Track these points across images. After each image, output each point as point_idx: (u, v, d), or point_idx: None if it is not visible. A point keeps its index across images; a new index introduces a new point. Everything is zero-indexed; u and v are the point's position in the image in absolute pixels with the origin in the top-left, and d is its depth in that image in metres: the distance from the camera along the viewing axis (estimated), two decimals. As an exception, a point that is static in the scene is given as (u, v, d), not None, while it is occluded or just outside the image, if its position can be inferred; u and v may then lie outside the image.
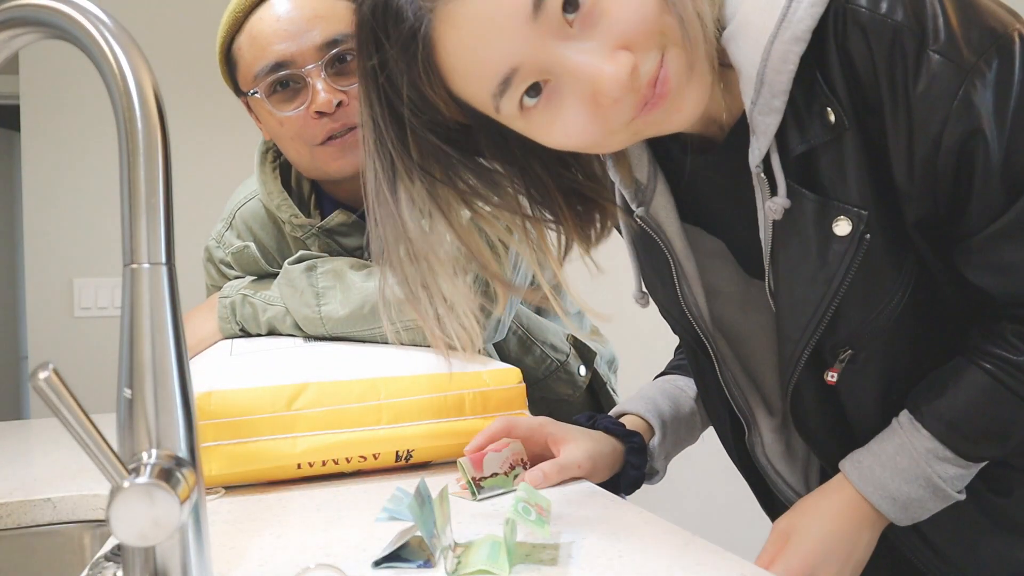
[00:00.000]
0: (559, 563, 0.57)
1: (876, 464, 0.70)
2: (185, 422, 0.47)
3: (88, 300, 2.56)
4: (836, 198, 0.62)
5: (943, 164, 0.60)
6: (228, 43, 1.07)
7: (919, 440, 0.68)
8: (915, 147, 0.60)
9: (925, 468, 0.68)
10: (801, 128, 0.62)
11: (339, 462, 0.85)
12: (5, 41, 0.48)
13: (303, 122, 1.04)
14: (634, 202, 0.73)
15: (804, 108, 0.61)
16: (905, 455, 0.68)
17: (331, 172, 1.08)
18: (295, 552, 0.62)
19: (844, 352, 0.69)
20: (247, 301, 1.09)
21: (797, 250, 0.65)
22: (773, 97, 0.60)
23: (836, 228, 0.62)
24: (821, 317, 0.66)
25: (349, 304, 1.00)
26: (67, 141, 2.54)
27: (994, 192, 0.59)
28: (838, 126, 0.60)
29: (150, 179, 0.46)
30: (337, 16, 1.04)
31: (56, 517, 0.92)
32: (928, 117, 0.58)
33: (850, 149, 0.61)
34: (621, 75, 0.55)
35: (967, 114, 0.57)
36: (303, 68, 1.02)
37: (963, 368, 0.67)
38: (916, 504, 0.69)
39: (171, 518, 0.43)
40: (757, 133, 0.62)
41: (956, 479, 0.69)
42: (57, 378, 0.42)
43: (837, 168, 0.62)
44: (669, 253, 0.74)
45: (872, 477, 0.70)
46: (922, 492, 0.68)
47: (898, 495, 0.69)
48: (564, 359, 1.21)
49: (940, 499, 0.69)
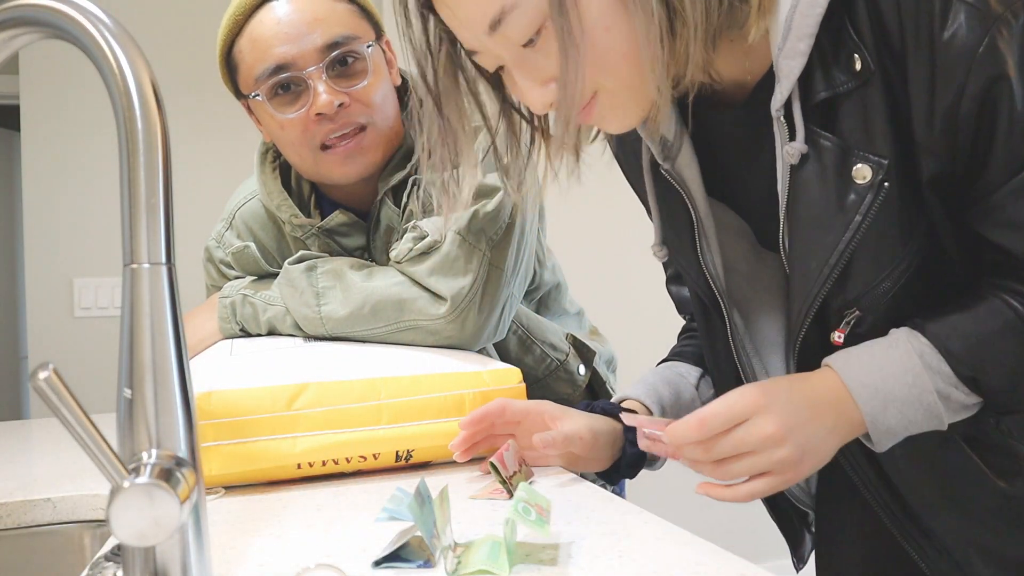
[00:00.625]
0: (559, 563, 0.57)
1: (864, 354, 0.67)
2: (185, 422, 0.47)
3: (88, 300, 2.56)
4: (858, 146, 0.63)
5: (965, 113, 0.60)
6: (228, 46, 1.07)
7: (917, 343, 0.66)
8: (937, 96, 0.60)
9: (915, 364, 0.65)
10: (826, 74, 0.63)
11: (339, 462, 0.85)
12: (5, 41, 0.48)
13: (304, 124, 1.04)
14: (660, 156, 0.76)
15: (831, 54, 0.62)
16: (898, 350, 0.66)
17: (335, 178, 1.08)
18: (295, 552, 0.62)
19: (851, 314, 0.69)
20: (247, 301, 1.09)
21: (816, 196, 0.66)
22: (799, 40, 0.62)
23: (855, 175, 0.63)
24: (834, 266, 0.66)
25: (349, 304, 1.00)
26: (67, 141, 2.54)
27: (1017, 144, 0.59)
28: (864, 72, 0.62)
29: (150, 179, 0.46)
30: (337, 18, 1.04)
31: (56, 517, 0.92)
32: (953, 64, 0.59)
33: (874, 97, 0.62)
34: (541, 103, 0.67)
35: (993, 60, 0.58)
36: (304, 70, 1.02)
37: (983, 297, 0.65)
38: (896, 407, 0.65)
39: (171, 518, 0.43)
40: (781, 78, 0.64)
41: (945, 395, 0.65)
42: (57, 378, 0.42)
43: (860, 116, 0.63)
44: (692, 207, 0.76)
45: (857, 364, 0.67)
46: (906, 392, 0.65)
47: (881, 387, 0.65)
48: (564, 358, 1.21)
49: (922, 409, 0.65)
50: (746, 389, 0.66)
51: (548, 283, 1.28)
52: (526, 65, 0.66)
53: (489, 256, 1.01)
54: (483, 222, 1.02)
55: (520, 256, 1.07)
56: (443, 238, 1.01)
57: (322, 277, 1.04)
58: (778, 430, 0.63)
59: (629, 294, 2.41)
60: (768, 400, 0.64)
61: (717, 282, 0.78)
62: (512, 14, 0.62)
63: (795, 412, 0.64)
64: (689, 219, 0.77)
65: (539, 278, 1.25)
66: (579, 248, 2.62)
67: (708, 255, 0.77)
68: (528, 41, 0.64)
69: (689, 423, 0.65)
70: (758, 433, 0.64)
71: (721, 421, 0.64)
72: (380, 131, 1.08)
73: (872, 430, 0.66)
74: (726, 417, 0.64)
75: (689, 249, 0.78)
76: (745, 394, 0.65)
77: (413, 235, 1.03)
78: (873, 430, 0.66)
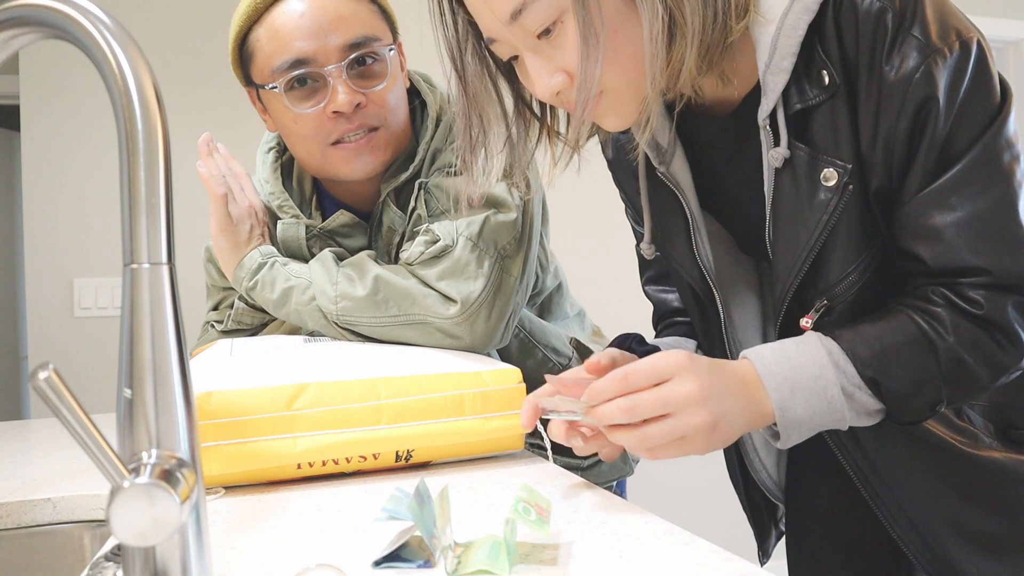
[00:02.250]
0: (559, 563, 0.57)
1: (776, 348, 0.73)
2: (185, 422, 0.47)
3: (88, 300, 2.56)
4: (825, 153, 0.71)
5: (901, 132, 0.68)
6: (244, 33, 1.06)
7: (827, 342, 0.71)
8: (881, 117, 0.68)
9: (822, 358, 0.70)
10: (800, 88, 0.71)
11: (339, 462, 0.85)
12: (5, 41, 0.48)
13: (319, 121, 1.04)
14: (656, 160, 0.83)
15: (804, 72, 0.70)
16: (808, 345, 0.72)
17: (341, 175, 1.08)
18: (295, 552, 0.62)
19: (821, 303, 0.75)
20: (276, 266, 1.07)
21: (792, 196, 0.73)
22: (783, 59, 0.70)
23: (824, 179, 0.71)
24: (805, 259, 0.74)
25: (365, 287, 1.00)
26: (67, 141, 2.54)
27: (932, 162, 0.68)
28: (831, 87, 0.69)
29: (150, 179, 0.46)
30: (359, 18, 1.04)
31: (56, 517, 0.92)
32: (895, 88, 0.67)
33: (840, 109, 0.70)
34: (546, 93, 0.73)
35: (926, 83, 0.66)
36: (324, 68, 1.02)
37: (892, 311, 0.72)
38: (802, 395, 0.70)
39: (171, 518, 0.43)
40: (767, 91, 0.71)
41: (849, 394, 0.70)
42: (57, 378, 0.42)
43: (829, 126, 0.70)
44: (687, 206, 0.83)
45: (770, 354, 0.72)
46: (812, 383, 0.70)
47: (789, 376, 0.70)
48: (567, 363, 1.21)
49: (826, 402, 0.70)
50: (671, 352, 0.69)
51: (550, 287, 1.28)
52: (539, 54, 0.72)
53: (501, 264, 1.02)
54: (496, 231, 1.03)
55: (529, 265, 1.07)
56: (455, 243, 1.01)
57: (346, 265, 1.05)
58: (700, 391, 0.67)
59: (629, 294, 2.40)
60: (692, 364, 0.68)
61: (711, 273, 0.84)
62: (533, 5, 0.68)
63: (714, 381, 0.68)
64: (684, 218, 0.84)
65: (541, 283, 1.25)
66: (579, 248, 2.62)
67: (702, 249, 0.84)
68: (544, 32, 0.70)
69: (614, 376, 0.68)
70: (680, 391, 0.66)
71: (645, 376, 0.67)
72: (392, 132, 1.08)
73: (779, 417, 0.70)
74: (651, 373, 0.67)
75: (684, 245, 0.85)
76: (670, 356, 0.68)
77: (425, 238, 1.03)
78: (780, 417, 0.70)
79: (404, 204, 1.11)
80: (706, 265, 0.84)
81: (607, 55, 0.68)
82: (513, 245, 1.04)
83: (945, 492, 0.77)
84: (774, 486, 0.93)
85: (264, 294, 1.07)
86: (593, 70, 0.68)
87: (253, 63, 1.06)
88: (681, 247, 0.85)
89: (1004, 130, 0.68)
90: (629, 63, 0.70)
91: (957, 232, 0.68)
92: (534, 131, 0.83)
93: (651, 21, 0.67)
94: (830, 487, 0.86)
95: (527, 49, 0.72)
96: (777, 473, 0.93)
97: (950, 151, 0.68)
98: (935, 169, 0.68)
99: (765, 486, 0.93)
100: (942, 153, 0.68)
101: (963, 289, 0.69)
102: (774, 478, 0.93)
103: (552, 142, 0.83)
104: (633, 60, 0.69)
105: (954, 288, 0.69)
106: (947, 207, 0.68)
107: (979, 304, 0.68)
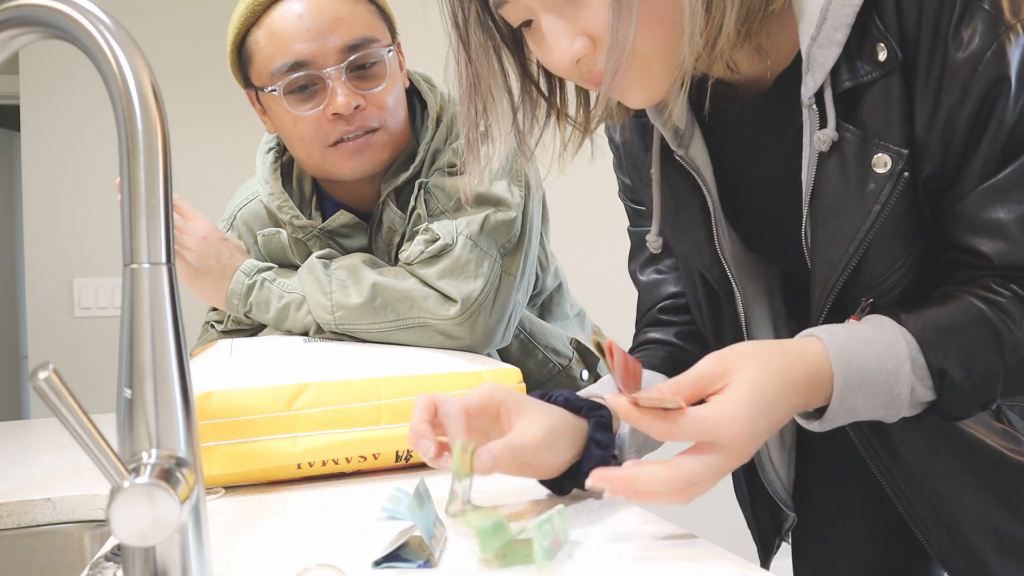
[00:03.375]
0: (559, 563, 0.57)
1: (852, 331, 0.65)
2: (185, 422, 0.47)
3: (88, 300, 2.56)
4: (878, 136, 0.64)
5: (966, 115, 0.62)
6: (242, 35, 1.06)
7: (907, 337, 0.65)
8: (943, 95, 0.62)
9: (899, 351, 0.64)
10: (851, 64, 0.64)
11: (339, 462, 0.85)
12: (5, 41, 0.48)
13: (318, 123, 1.04)
14: (674, 143, 0.76)
15: (855, 45, 0.64)
16: (884, 336, 0.65)
17: (341, 174, 1.08)
18: (295, 552, 0.62)
19: (866, 301, 0.69)
20: (266, 286, 1.07)
21: (838, 184, 0.67)
22: (835, 30, 0.63)
23: (875, 165, 0.65)
24: (852, 255, 0.67)
25: (362, 294, 1.00)
26: (67, 141, 2.54)
27: (997, 150, 0.62)
28: (888, 62, 0.63)
29: (150, 179, 0.46)
30: (358, 19, 1.04)
31: (56, 517, 0.92)
32: (963, 65, 0.61)
33: (895, 88, 0.63)
34: (565, 59, 0.64)
35: (998, 62, 0.60)
36: (323, 70, 1.02)
37: (953, 296, 0.66)
38: (868, 389, 0.63)
39: (171, 518, 0.43)
40: (813, 67, 0.65)
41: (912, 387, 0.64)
42: (57, 378, 0.42)
43: (882, 106, 0.64)
44: (707, 192, 0.76)
45: (843, 338, 0.65)
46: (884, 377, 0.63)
47: (864, 366, 0.63)
48: (567, 363, 1.21)
49: (889, 398, 0.64)
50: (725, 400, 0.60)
51: (550, 287, 1.28)
52: (559, 14, 0.64)
53: (501, 262, 1.02)
54: (496, 229, 1.02)
55: (529, 264, 1.07)
56: (454, 242, 1.01)
57: (338, 269, 1.04)
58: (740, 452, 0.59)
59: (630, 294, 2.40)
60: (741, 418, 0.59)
61: (731, 267, 0.78)
62: None
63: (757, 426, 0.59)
64: (704, 206, 0.77)
65: (541, 282, 1.25)
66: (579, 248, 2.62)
67: (724, 241, 0.77)
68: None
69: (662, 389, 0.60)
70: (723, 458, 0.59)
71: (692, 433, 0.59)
72: (391, 133, 1.08)
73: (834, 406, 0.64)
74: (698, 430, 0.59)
75: (703, 236, 0.78)
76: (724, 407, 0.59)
77: (425, 237, 1.03)
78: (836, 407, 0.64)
79: (404, 204, 1.11)
80: (727, 258, 0.78)
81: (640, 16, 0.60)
82: (513, 244, 1.04)
83: (984, 498, 0.72)
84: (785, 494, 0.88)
85: (261, 316, 1.07)
86: (627, 29, 0.60)
87: (252, 65, 1.06)
88: (697, 237, 0.79)
89: None
90: (660, 26, 0.62)
91: (1022, 229, 0.63)
92: (541, 111, 0.75)
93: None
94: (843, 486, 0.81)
95: (545, 9, 0.64)
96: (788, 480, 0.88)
97: (1018, 139, 0.62)
98: (1000, 158, 0.62)
99: (777, 495, 0.88)
100: (1009, 141, 0.62)
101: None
102: (786, 486, 0.88)
103: (562, 124, 0.76)
104: (665, 23, 0.62)
105: (1021, 282, 0.64)
106: (1013, 200, 0.62)
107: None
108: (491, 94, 0.72)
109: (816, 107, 0.66)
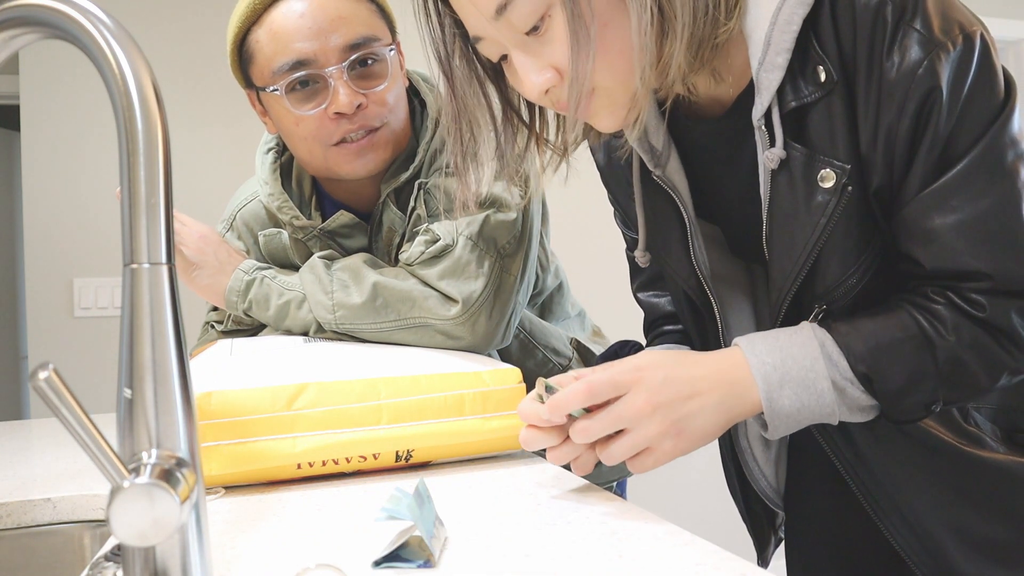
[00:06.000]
0: (559, 563, 0.57)
1: (769, 336, 0.72)
2: (185, 422, 0.47)
3: (88, 300, 2.55)
4: (823, 153, 0.69)
5: (904, 129, 0.66)
6: (243, 34, 1.05)
7: (820, 334, 0.70)
8: (882, 113, 0.66)
9: (814, 349, 0.69)
10: (795, 86, 0.68)
11: (339, 462, 0.85)
12: (5, 41, 0.48)
13: (320, 122, 1.04)
14: (651, 163, 0.80)
15: (799, 69, 0.68)
16: (801, 336, 0.71)
17: (343, 174, 1.08)
18: (295, 552, 0.62)
19: (820, 307, 0.73)
20: (266, 283, 1.07)
21: (788, 198, 0.71)
22: (777, 55, 0.68)
23: (821, 180, 0.69)
24: (803, 263, 0.72)
25: (363, 294, 1.00)
26: (67, 141, 2.54)
27: (933, 160, 0.66)
28: (827, 83, 0.67)
29: (150, 179, 0.46)
30: (360, 18, 1.04)
31: (56, 517, 0.92)
32: (897, 84, 0.65)
33: (837, 107, 0.68)
34: (535, 90, 0.70)
35: (929, 79, 0.64)
36: (325, 69, 1.02)
37: (891, 307, 0.70)
38: (791, 387, 0.69)
39: (171, 518, 0.43)
40: (761, 90, 0.69)
41: (840, 388, 0.69)
42: (57, 378, 0.42)
43: (826, 125, 0.68)
44: (683, 210, 0.81)
45: (761, 343, 0.71)
46: (803, 375, 0.69)
47: (779, 366, 0.69)
48: (567, 363, 1.21)
49: (815, 395, 0.69)
50: (634, 358, 0.70)
51: (550, 287, 1.28)
52: (527, 51, 0.69)
53: (501, 263, 1.02)
54: (496, 230, 1.02)
55: (529, 264, 1.07)
56: (455, 242, 1.01)
57: (339, 269, 1.04)
58: (647, 404, 0.67)
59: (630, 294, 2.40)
60: (647, 374, 0.68)
61: (707, 281, 0.82)
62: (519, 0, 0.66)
63: (668, 388, 0.68)
64: (681, 223, 0.81)
65: (542, 282, 1.25)
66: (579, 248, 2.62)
67: (699, 254, 0.82)
68: (532, 28, 0.68)
69: (576, 389, 0.68)
70: (629, 406, 0.68)
71: (606, 389, 0.68)
72: (393, 131, 1.08)
73: (767, 408, 0.69)
74: (611, 385, 0.68)
75: (680, 251, 0.83)
76: (628, 364, 0.69)
77: (425, 238, 1.03)
78: (768, 408, 0.70)
79: (404, 204, 1.11)
80: (703, 271, 0.82)
81: (598, 50, 0.66)
82: (513, 244, 1.04)
83: (946, 496, 0.75)
84: (773, 493, 0.92)
85: (260, 313, 1.07)
86: (585, 65, 0.65)
87: (253, 65, 1.06)
88: (677, 253, 0.83)
89: (1008, 127, 0.66)
90: (619, 59, 0.67)
91: (957, 234, 0.66)
92: (522, 137, 0.80)
93: (639, 14, 0.64)
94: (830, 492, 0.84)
95: (514, 46, 0.70)
96: (776, 480, 0.91)
97: (952, 149, 0.65)
98: (937, 168, 0.66)
99: (764, 493, 0.91)
100: (944, 151, 0.65)
101: (964, 291, 0.67)
102: (773, 485, 0.91)
103: (541, 149, 0.81)
104: (623, 56, 0.67)
105: (955, 289, 0.67)
106: (948, 208, 0.66)
107: (981, 307, 0.66)
108: (476, 122, 0.77)
109: (765, 128, 0.70)
